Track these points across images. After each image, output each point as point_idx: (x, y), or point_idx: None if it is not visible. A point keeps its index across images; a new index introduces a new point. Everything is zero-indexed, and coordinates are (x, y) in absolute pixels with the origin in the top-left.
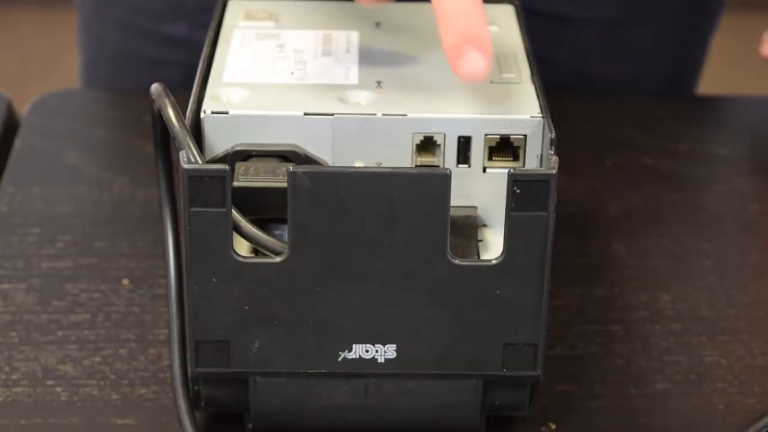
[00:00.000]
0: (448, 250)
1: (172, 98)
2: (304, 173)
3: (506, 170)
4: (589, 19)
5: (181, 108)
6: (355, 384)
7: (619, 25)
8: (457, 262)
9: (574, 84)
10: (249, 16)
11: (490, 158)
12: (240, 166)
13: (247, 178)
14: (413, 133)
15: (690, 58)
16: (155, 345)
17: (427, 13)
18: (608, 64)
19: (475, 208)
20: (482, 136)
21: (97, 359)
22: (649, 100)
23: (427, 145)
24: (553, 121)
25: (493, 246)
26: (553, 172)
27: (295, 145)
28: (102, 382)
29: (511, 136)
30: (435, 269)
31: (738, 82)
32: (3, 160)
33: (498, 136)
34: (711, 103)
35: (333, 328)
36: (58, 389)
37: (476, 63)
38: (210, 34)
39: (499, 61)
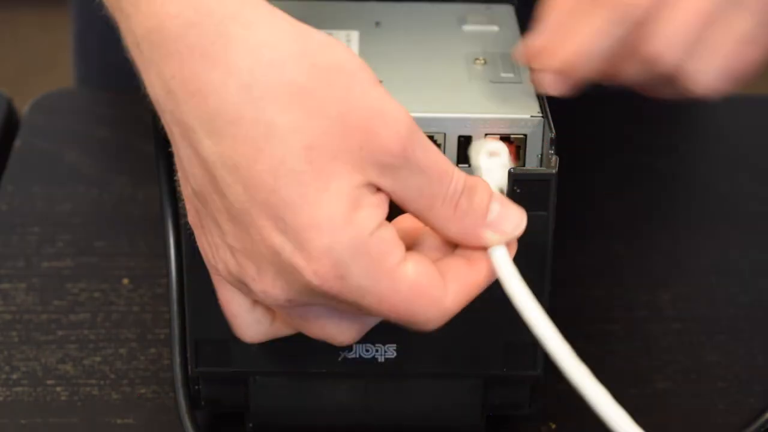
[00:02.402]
0: None
1: None
2: None
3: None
4: None
5: None
6: (355, 384)
7: None
8: None
9: None
10: None
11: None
12: None
13: None
14: None
15: None
16: (155, 344)
17: (427, 13)
18: None
19: None
20: (482, 136)
21: (97, 359)
22: (648, 99)
23: None
24: (553, 121)
25: None
26: (553, 171)
27: None
28: (102, 382)
29: (511, 136)
30: None
31: None
32: (3, 159)
33: (498, 136)
34: (711, 102)
35: None
36: (58, 389)
37: None
38: None
39: (499, 61)
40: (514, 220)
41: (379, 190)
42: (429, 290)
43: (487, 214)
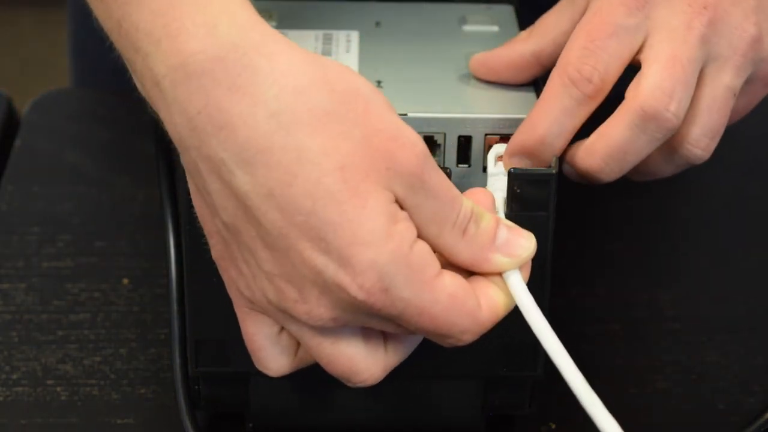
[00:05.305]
0: None
1: None
2: None
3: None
4: None
5: None
6: None
7: None
8: None
9: None
10: None
11: None
12: None
13: None
14: None
15: None
16: (155, 345)
17: (427, 13)
18: None
19: None
20: (482, 136)
21: (97, 359)
22: None
23: (428, 144)
24: None
25: None
26: (553, 171)
27: None
28: (102, 382)
29: (511, 136)
30: None
31: None
32: (3, 159)
33: (498, 136)
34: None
35: None
36: (58, 389)
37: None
38: None
39: None
40: (523, 243)
41: (402, 208)
42: (466, 302)
43: (494, 239)
